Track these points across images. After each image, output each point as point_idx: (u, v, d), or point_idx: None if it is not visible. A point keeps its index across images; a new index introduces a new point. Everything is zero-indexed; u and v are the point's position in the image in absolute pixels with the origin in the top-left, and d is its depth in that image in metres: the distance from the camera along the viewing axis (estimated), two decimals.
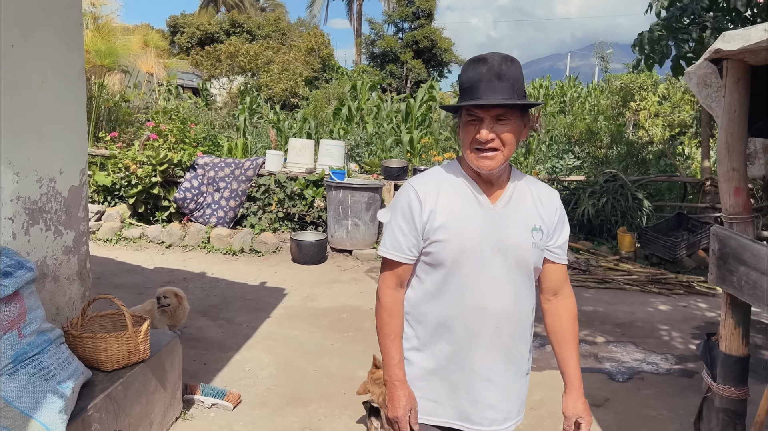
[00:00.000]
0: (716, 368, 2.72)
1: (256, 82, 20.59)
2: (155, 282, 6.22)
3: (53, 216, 3.13)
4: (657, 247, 7.56)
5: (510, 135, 1.67)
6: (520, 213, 1.76)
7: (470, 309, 1.73)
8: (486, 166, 1.68)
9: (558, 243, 1.84)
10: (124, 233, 7.75)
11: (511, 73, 1.65)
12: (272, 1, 48.70)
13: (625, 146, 10.50)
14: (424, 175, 1.83)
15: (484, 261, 1.71)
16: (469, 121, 1.68)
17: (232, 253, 7.51)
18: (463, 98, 1.69)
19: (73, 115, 3.26)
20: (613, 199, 8.12)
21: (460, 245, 1.70)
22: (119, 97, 9.77)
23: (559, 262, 1.86)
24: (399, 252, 1.77)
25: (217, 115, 12.65)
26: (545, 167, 9.90)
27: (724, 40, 2.41)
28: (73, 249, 3.32)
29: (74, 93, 3.27)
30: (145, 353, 2.99)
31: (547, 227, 1.80)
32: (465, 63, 1.73)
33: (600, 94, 19.57)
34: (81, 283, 3.40)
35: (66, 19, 3.14)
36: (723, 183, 2.70)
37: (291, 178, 8.10)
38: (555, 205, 1.84)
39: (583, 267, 7.16)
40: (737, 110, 2.58)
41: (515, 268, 1.74)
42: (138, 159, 7.89)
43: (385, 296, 1.83)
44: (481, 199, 1.75)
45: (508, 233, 1.73)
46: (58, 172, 3.15)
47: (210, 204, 8.10)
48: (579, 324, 2.01)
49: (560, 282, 1.89)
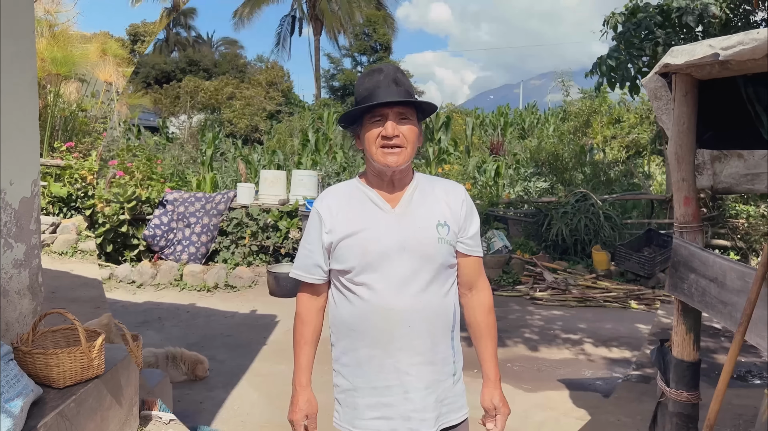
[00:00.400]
0: (669, 373, 2.73)
1: (218, 118, 20.44)
2: (129, 324, 5.94)
3: (2, 229, 2.95)
4: (631, 264, 7.67)
5: (412, 132, 1.77)
6: (423, 211, 1.81)
7: (377, 310, 1.75)
8: (393, 162, 1.74)
9: (469, 234, 1.87)
10: (80, 245, 7.45)
11: (405, 81, 1.79)
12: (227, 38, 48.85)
13: (589, 167, 10.73)
14: (327, 194, 1.91)
15: (388, 262, 1.74)
16: (373, 122, 1.76)
17: (207, 290, 7.29)
18: (363, 104, 1.77)
19: (24, 124, 3.10)
20: (586, 218, 8.24)
21: (363, 249, 1.75)
22: (76, 106, 9.44)
23: (471, 254, 1.89)
24: (305, 272, 1.87)
25: (183, 151, 12.45)
26: (515, 190, 10.03)
27: (672, 55, 2.47)
28: (24, 263, 3.13)
29: (25, 101, 3.11)
30: (100, 368, 2.82)
31: (456, 221, 1.84)
32: (360, 76, 1.85)
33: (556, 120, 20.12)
34: (32, 298, 3.20)
35: (16, 24, 3.02)
36: (675, 193, 2.73)
37: (264, 210, 7.97)
38: (460, 197, 1.88)
39: (562, 287, 7.20)
40: (686, 122, 2.61)
41: (422, 266, 1.76)
42: (104, 197, 7.64)
43: (300, 304, 1.92)
44: (381, 204, 1.81)
45: (411, 232, 1.77)
46: (8, 183, 2.98)
47: (181, 240, 7.88)
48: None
49: (474, 276, 1.91)
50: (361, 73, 1.89)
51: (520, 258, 8.05)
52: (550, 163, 10.58)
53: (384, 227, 1.78)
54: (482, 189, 10.03)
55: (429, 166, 11.65)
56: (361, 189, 1.86)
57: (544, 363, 5.02)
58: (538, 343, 5.56)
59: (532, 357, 5.17)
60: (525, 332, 5.89)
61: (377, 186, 1.84)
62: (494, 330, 1.93)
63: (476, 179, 10.83)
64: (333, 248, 1.81)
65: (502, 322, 6.14)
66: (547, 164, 10.59)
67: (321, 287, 1.89)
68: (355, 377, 1.83)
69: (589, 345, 5.49)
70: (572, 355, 5.23)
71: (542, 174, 10.59)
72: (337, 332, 1.88)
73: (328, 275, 1.87)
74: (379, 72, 1.79)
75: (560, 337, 5.72)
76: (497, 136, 18.03)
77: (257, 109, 20.30)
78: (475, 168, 11.87)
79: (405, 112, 1.76)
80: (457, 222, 1.85)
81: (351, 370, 1.84)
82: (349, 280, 1.80)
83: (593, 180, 10.08)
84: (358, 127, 1.83)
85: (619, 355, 5.21)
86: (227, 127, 20.59)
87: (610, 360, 5.08)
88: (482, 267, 1.95)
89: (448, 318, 1.85)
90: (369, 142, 1.77)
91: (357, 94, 1.83)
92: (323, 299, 1.92)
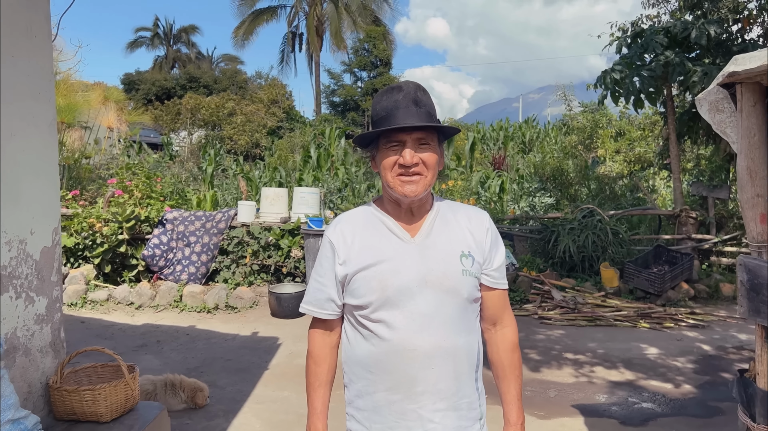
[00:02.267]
0: (755, 407, 2.55)
1: (218, 134, 20.37)
2: (127, 347, 5.80)
3: (24, 281, 2.81)
4: (641, 281, 7.51)
5: (432, 159, 1.63)
6: (444, 240, 1.68)
7: (398, 350, 1.61)
8: (411, 192, 1.61)
9: (494, 266, 1.74)
10: (89, 295, 7.28)
11: (427, 100, 1.65)
12: (227, 54, 49.09)
13: (595, 182, 10.60)
14: (340, 221, 1.76)
15: (409, 298, 1.61)
16: (390, 148, 1.62)
17: (207, 311, 7.12)
18: (379, 127, 1.63)
19: (44, 170, 2.97)
20: (593, 234, 8.09)
21: (381, 284, 1.61)
22: (79, 153, 9.38)
23: (496, 287, 1.75)
24: (317, 307, 1.73)
25: (183, 169, 12.34)
26: (520, 206, 9.88)
27: (736, 64, 2.35)
28: (46, 318, 2.99)
29: (46, 145, 2.99)
30: (135, 399, 2.99)
31: (480, 251, 1.71)
32: (378, 94, 1.69)
33: (557, 134, 20.05)
34: (55, 355, 3.06)
35: (36, 68, 2.90)
36: (747, 210, 2.58)
37: (265, 228, 7.82)
38: (485, 226, 1.75)
39: (571, 305, 7.02)
40: (756, 134, 2.48)
41: (446, 301, 1.63)
42: (103, 217, 7.50)
43: (312, 342, 1.78)
44: (400, 233, 1.68)
45: (433, 264, 1.64)
46: (29, 233, 2.85)
47: (180, 260, 7.73)
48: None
49: (499, 310, 1.77)
50: (380, 91, 1.71)
51: (527, 275, 7.89)
52: (554, 177, 10.45)
53: (404, 258, 1.64)
54: (486, 205, 9.88)
55: None
56: (377, 216, 1.73)
57: (556, 387, 4.85)
58: (548, 365, 5.39)
59: (543, 381, 4.99)
60: (534, 353, 5.72)
61: (394, 214, 1.71)
62: (519, 370, 1.79)
63: (480, 195, 10.70)
64: (347, 281, 1.67)
65: None
66: (552, 179, 10.46)
67: (334, 322, 1.76)
68: (372, 423, 1.68)
69: (601, 368, 5.31)
70: (584, 378, 5.05)
71: (547, 189, 10.46)
72: (351, 373, 1.73)
73: (341, 310, 1.73)
74: (398, 90, 1.64)
75: (571, 359, 5.55)
76: (498, 151, 17.92)
77: (258, 125, 20.22)
78: (479, 183, 11.75)
79: (425, 137, 1.62)
80: (482, 252, 1.72)
81: (367, 415, 1.69)
82: (365, 317, 1.65)
83: (599, 195, 9.94)
84: (374, 150, 1.70)
85: (633, 378, 5.03)
86: (228, 144, 20.52)
87: (623, 384, 4.90)
88: (507, 300, 1.81)
89: (473, 358, 1.71)
90: (385, 169, 1.64)
91: (374, 113, 1.68)
92: (337, 335, 1.78)
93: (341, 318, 1.76)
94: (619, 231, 8.21)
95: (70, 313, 6.87)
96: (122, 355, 5.54)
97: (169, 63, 47.49)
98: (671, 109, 8.76)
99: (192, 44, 50.52)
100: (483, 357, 1.79)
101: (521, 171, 12.00)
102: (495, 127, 23.69)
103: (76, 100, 8.77)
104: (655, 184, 13.20)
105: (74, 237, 7.56)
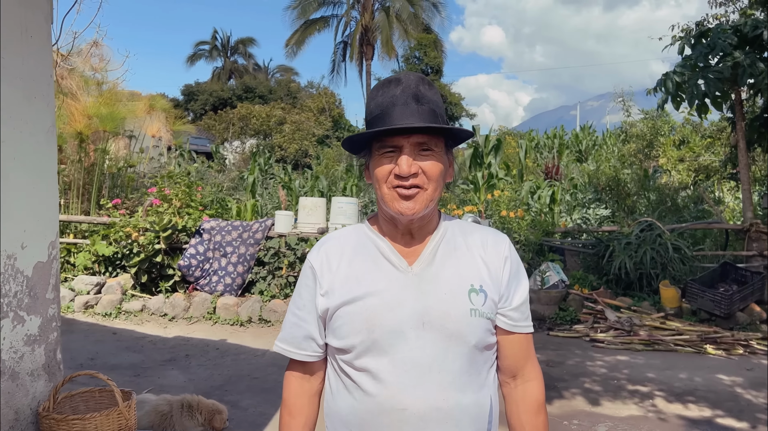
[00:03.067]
0: None
1: (269, 143, 20.50)
2: (155, 362, 5.64)
3: (12, 300, 2.60)
4: (705, 301, 6.86)
5: (436, 168, 1.30)
6: (450, 271, 1.34)
7: (385, 411, 1.28)
8: (408, 209, 1.28)
9: (514, 304, 1.38)
10: (124, 306, 7.21)
11: (432, 95, 1.31)
12: (282, 65, 49.93)
13: (654, 193, 9.91)
14: (325, 242, 1.44)
15: (402, 342, 1.28)
16: (384, 154, 1.30)
17: (240, 324, 6.93)
18: (372, 128, 1.30)
19: (39, 180, 2.77)
20: (652, 250, 7.48)
21: (368, 323, 1.29)
22: (123, 162, 9.44)
23: (516, 331, 1.39)
24: (293, 347, 1.41)
25: (226, 177, 12.33)
26: (573, 218, 9.32)
27: None
28: (38, 338, 2.78)
29: (42, 153, 2.79)
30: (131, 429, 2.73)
31: (495, 285, 1.36)
32: (373, 87, 1.36)
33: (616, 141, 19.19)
34: (49, 378, 2.84)
35: (31, 70, 2.71)
36: None
37: (302, 239, 7.59)
38: (502, 253, 1.39)
39: (626, 327, 6.46)
40: None
41: (449, 348, 1.29)
42: (140, 226, 7.44)
43: (287, 388, 1.45)
44: (395, 260, 1.35)
45: (434, 300, 1.30)
46: (20, 247, 2.64)
47: (216, 270, 7.58)
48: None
49: (520, 360, 1.41)
50: (376, 84, 1.37)
51: (579, 293, 7.35)
52: (610, 188, 9.82)
53: (398, 292, 1.31)
54: (536, 216, 9.37)
55: (478, 192, 11.07)
56: (369, 237, 1.40)
57: (609, 422, 4.35)
58: (600, 395, 4.89)
59: (593, 414, 4.51)
60: (585, 381, 5.22)
61: (390, 235, 1.38)
62: None
63: (530, 206, 10.19)
64: (329, 317, 1.35)
65: (557, 369, 5.49)
66: (608, 189, 9.83)
67: (315, 365, 1.43)
68: None
69: (661, 400, 4.77)
70: (641, 412, 4.53)
71: (602, 200, 9.84)
72: (333, 428, 1.39)
73: (324, 350, 1.41)
74: (396, 83, 1.31)
75: (626, 388, 5.02)
76: (552, 159, 17.25)
77: (307, 133, 20.23)
78: (529, 193, 11.22)
79: (427, 142, 1.28)
80: (498, 287, 1.36)
81: None
82: (347, 363, 1.32)
83: (659, 207, 9.27)
84: (367, 156, 1.36)
85: (699, 414, 4.48)
86: (278, 152, 20.62)
87: (687, 421, 4.36)
88: (532, 347, 1.43)
89: (483, 421, 1.34)
90: (378, 179, 1.32)
91: (367, 112, 1.35)
92: (318, 381, 1.45)
93: (324, 360, 1.43)
94: (681, 246, 7.57)
95: (103, 324, 6.81)
96: (149, 370, 5.41)
97: (227, 74, 48.67)
98: (740, 114, 8.07)
99: (249, 56, 51.67)
100: (500, 414, 1.42)
101: (575, 180, 11.39)
102: (549, 135, 22.94)
103: (119, 109, 8.81)
104: (722, 195, 12.33)
105: (113, 246, 7.53)
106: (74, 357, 5.55)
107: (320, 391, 1.46)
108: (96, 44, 9.41)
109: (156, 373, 5.29)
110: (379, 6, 31.58)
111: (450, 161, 1.37)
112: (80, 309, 7.13)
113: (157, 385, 4.94)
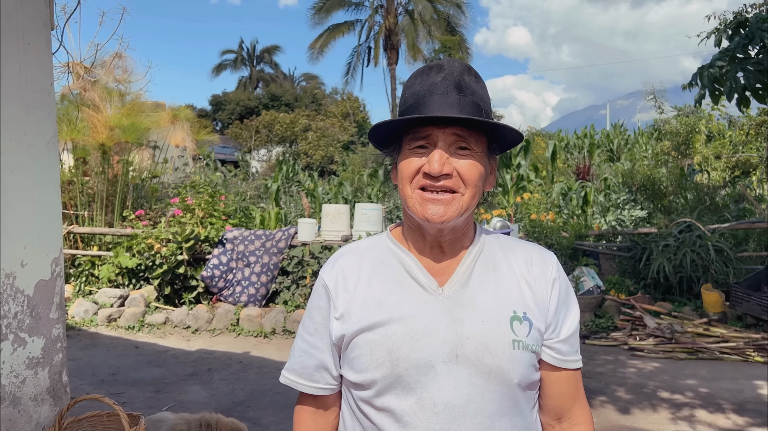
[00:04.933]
0: None
1: (295, 150, 20.49)
2: (177, 376, 5.52)
3: (12, 321, 2.47)
4: (751, 306, 6.48)
5: (474, 171, 1.09)
6: (489, 294, 1.13)
7: None
8: (436, 216, 1.07)
9: (562, 336, 1.17)
10: (147, 318, 7.13)
11: (477, 88, 1.11)
12: (307, 73, 50.20)
13: (692, 191, 9.49)
14: (341, 255, 1.23)
15: (431, 379, 1.08)
16: (414, 149, 1.10)
17: (264, 335, 6.78)
18: None
19: (40, 193, 2.64)
20: (692, 252, 7.11)
21: (391, 355, 1.09)
22: (147, 173, 9.42)
23: (565, 367, 1.17)
24: (304, 379, 1.21)
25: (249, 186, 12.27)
26: (606, 220, 8.97)
27: None
28: (42, 361, 2.64)
29: (42, 166, 2.67)
30: None
31: (542, 313, 1.15)
32: (411, 75, 1.16)
33: (648, 140, 18.67)
34: (54, 403, 2.70)
35: (29, 78, 2.58)
36: None
37: (326, 247, 7.42)
38: (550, 276, 1.18)
39: (667, 335, 6.12)
40: None
41: (487, 386, 1.09)
42: (162, 237, 7.36)
43: (299, 425, 1.25)
44: (423, 279, 1.13)
45: (471, 329, 1.10)
46: (19, 265, 2.51)
47: (240, 281, 7.46)
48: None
49: (568, 399, 1.18)
50: (414, 72, 1.17)
51: (615, 299, 7.03)
52: (645, 187, 9.44)
53: (427, 318, 1.10)
54: (568, 219, 9.04)
55: (506, 195, 10.77)
56: (392, 251, 1.19)
57: None
58: (635, 406, 4.60)
59: (632, 428, 4.22)
60: (620, 391, 4.93)
61: (417, 248, 1.17)
62: None
63: (561, 208, 9.85)
64: (345, 345, 1.14)
65: (593, 379, 5.21)
66: (643, 189, 9.45)
67: (329, 399, 1.23)
68: None
69: (704, 412, 4.46)
70: (684, 424, 4.24)
71: (637, 201, 9.46)
72: None
73: (340, 382, 1.20)
74: (437, 70, 1.11)
75: (666, 400, 4.72)
76: (583, 159, 16.81)
77: (332, 140, 20.17)
78: (560, 195, 10.87)
79: (467, 139, 1.08)
80: (544, 314, 1.15)
81: None
82: (366, 401, 1.13)
83: (698, 206, 8.86)
84: (396, 153, 1.16)
85: (746, 427, 4.16)
86: (304, 159, 20.60)
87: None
88: (581, 385, 1.20)
89: None
90: (403, 177, 1.11)
91: (401, 102, 1.14)
92: (334, 416, 1.24)
93: (339, 394, 1.23)
94: (722, 248, 7.19)
95: (126, 337, 6.73)
96: (170, 385, 5.28)
97: (253, 83, 49.13)
98: None
99: (275, 64, 52.07)
100: None
101: (608, 181, 11.02)
102: (579, 135, 22.42)
103: (141, 119, 8.79)
104: (763, 192, 11.79)
105: (136, 258, 7.47)
106: (95, 372, 5.46)
107: (336, 428, 1.26)
108: (119, 56, 9.43)
109: (177, 388, 5.16)
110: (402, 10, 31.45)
111: (492, 167, 1.16)
112: (103, 322, 7.08)
113: (177, 401, 4.81)
